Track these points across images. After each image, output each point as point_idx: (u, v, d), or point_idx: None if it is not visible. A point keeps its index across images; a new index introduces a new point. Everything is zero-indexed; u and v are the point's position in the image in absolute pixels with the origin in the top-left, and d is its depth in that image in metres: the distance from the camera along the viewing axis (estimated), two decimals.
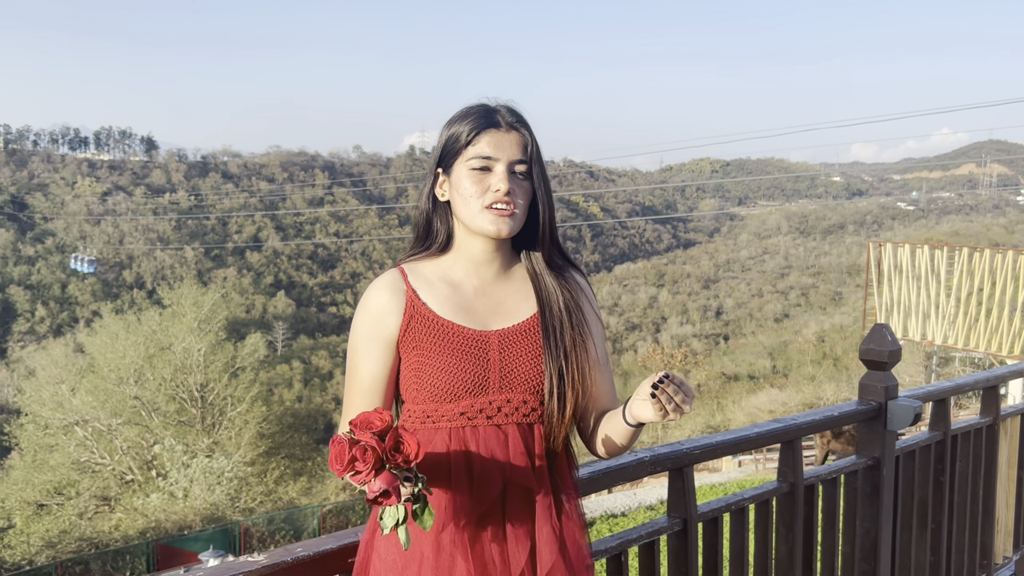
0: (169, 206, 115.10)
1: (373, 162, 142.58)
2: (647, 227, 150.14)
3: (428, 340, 1.66)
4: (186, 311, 34.20)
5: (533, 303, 1.75)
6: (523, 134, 1.71)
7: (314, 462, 34.19)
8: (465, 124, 1.69)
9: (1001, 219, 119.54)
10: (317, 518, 25.06)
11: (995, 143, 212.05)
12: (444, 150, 1.72)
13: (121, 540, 23.60)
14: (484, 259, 1.74)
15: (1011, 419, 4.11)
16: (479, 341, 1.68)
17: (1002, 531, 4.12)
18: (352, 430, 1.42)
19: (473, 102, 1.75)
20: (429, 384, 1.65)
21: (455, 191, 1.70)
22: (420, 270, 1.74)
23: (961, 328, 27.60)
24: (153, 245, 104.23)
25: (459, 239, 1.75)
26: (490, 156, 1.67)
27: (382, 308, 1.69)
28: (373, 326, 1.69)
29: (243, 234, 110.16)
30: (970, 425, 3.75)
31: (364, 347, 1.69)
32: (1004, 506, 4.13)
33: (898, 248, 29.94)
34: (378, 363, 1.69)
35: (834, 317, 76.87)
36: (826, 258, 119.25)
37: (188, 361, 32.27)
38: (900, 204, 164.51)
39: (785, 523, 2.85)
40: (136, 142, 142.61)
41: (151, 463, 29.73)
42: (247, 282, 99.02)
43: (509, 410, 1.67)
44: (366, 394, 1.70)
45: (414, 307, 1.68)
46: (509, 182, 1.66)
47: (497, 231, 1.66)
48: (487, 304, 1.73)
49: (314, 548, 1.74)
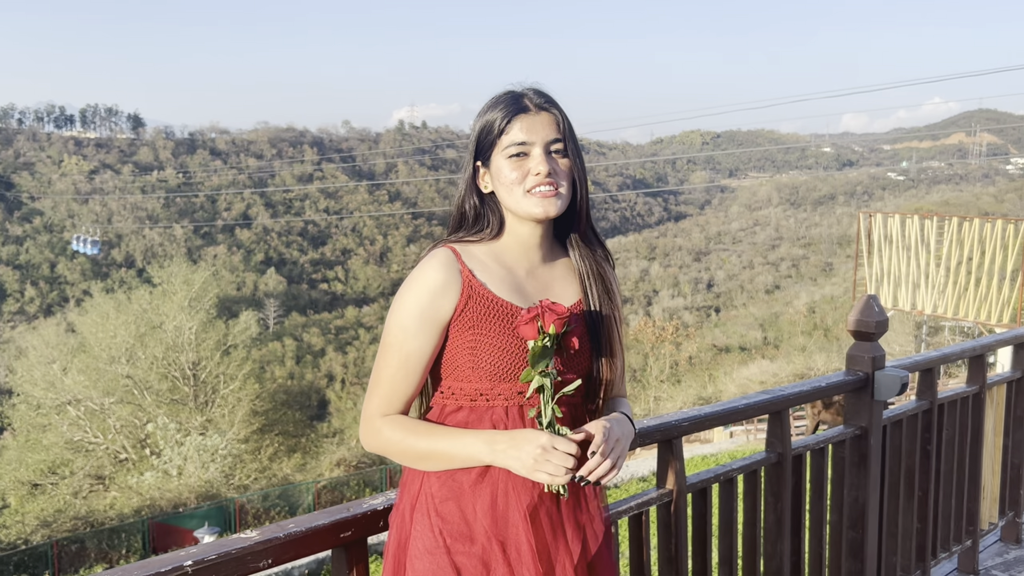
0: (157, 184, 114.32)
1: (362, 137, 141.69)
2: (638, 200, 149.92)
3: (486, 320, 1.68)
4: (177, 289, 34.13)
5: (576, 287, 1.80)
6: (553, 113, 1.73)
7: (308, 438, 34.32)
8: (495, 114, 1.71)
9: (991, 188, 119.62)
10: (312, 494, 25.17)
11: (985, 112, 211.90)
12: (479, 143, 1.74)
13: (116, 518, 23.65)
14: (533, 243, 1.77)
15: (997, 387, 4.15)
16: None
17: (988, 498, 4.17)
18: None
19: (499, 91, 1.76)
20: (488, 363, 1.67)
21: (497, 181, 1.73)
22: (472, 251, 1.75)
23: (951, 298, 27.67)
24: (142, 223, 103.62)
25: (509, 225, 1.77)
26: (524, 141, 1.69)
27: (439, 287, 1.68)
28: (429, 304, 1.67)
29: (232, 211, 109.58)
30: (957, 394, 3.78)
31: (415, 324, 1.68)
32: (990, 473, 4.18)
33: (888, 218, 29.93)
34: (427, 341, 1.69)
35: (824, 288, 77.07)
36: (816, 229, 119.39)
37: (180, 339, 32.25)
38: (890, 174, 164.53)
39: (773, 493, 2.88)
40: (123, 119, 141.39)
41: (145, 441, 29.76)
42: (237, 259, 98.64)
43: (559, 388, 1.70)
44: (409, 372, 1.70)
45: (471, 287, 1.69)
46: (548, 163, 1.69)
47: (545, 212, 1.69)
48: (537, 287, 1.77)
49: (306, 524, 1.75)
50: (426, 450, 1.66)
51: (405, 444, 1.68)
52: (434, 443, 1.66)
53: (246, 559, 1.65)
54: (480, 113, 1.75)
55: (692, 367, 46.59)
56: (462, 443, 1.64)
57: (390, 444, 1.70)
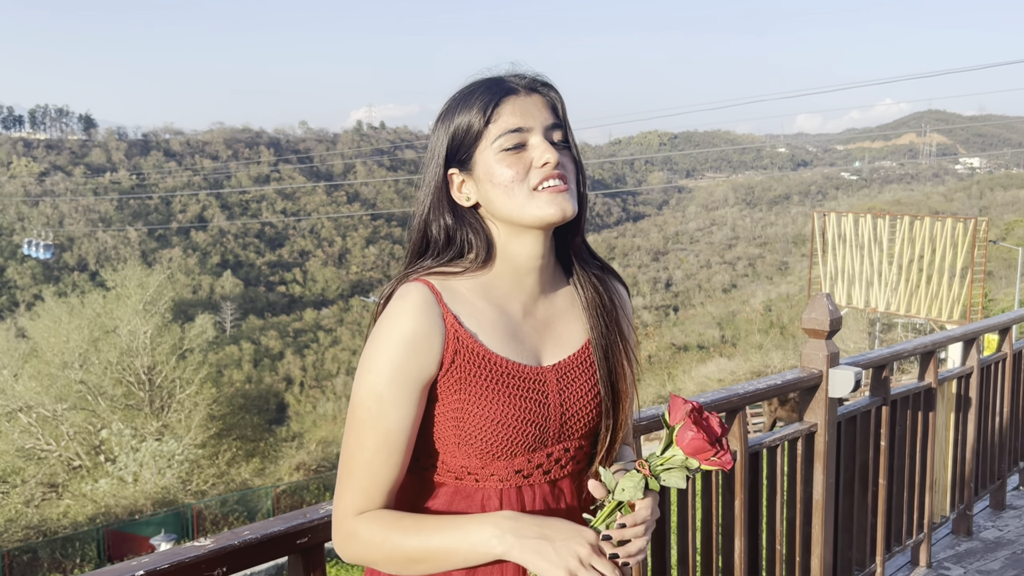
0: (110, 186, 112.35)
1: (320, 138, 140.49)
2: (597, 201, 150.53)
3: (476, 383, 1.31)
4: (131, 293, 33.72)
5: (581, 325, 1.44)
6: (546, 95, 1.37)
7: (266, 443, 34.01)
8: (474, 103, 1.33)
9: (940, 187, 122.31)
10: (271, 499, 24.95)
11: (934, 113, 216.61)
12: (453, 144, 1.35)
13: (70, 527, 23.28)
14: (532, 266, 1.38)
15: (948, 383, 4.23)
16: (536, 381, 1.36)
17: (940, 491, 4.25)
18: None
19: (465, 83, 1.38)
20: (477, 438, 1.32)
21: (487, 185, 1.34)
22: (454, 287, 1.35)
23: (903, 295, 28.29)
24: (95, 226, 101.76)
25: (501, 247, 1.37)
26: (521, 127, 1.32)
27: (419, 338, 1.29)
28: (405, 362, 1.29)
29: (188, 213, 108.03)
30: (908, 390, 3.85)
31: (392, 390, 1.29)
32: (942, 467, 4.26)
33: (842, 217, 30.52)
34: (409, 410, 1.31)
35: (780, 286, 78.09)
36: (772, 228, 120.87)
37: (134, 344, 31.81)
38: (844, 174, 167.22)
39: (730, 490, 2.90)
40: (74, 120, 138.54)
41: (99, 448, 29.29)
42: (193, 262, 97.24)
43: (566, 460, 1.39)
44: (391, 452, 1.31)
45: (458, 338, 1.31)
46: (554, 150, 1.32)
47: (561, 211, 1.31)
48: (535, 328, 1.40)
49: (262, 530, 1.72)
50: (417, 549, 1.28)
51: (389, 545, 1.29)
52: (427, 538, 1.28)
53: (200, 567, 1.62)
54: (447, 111, 1.37)
55: (651, 366, 46.93)
56: (464, 533, 1.26)
57: (370, 548, 1.31)
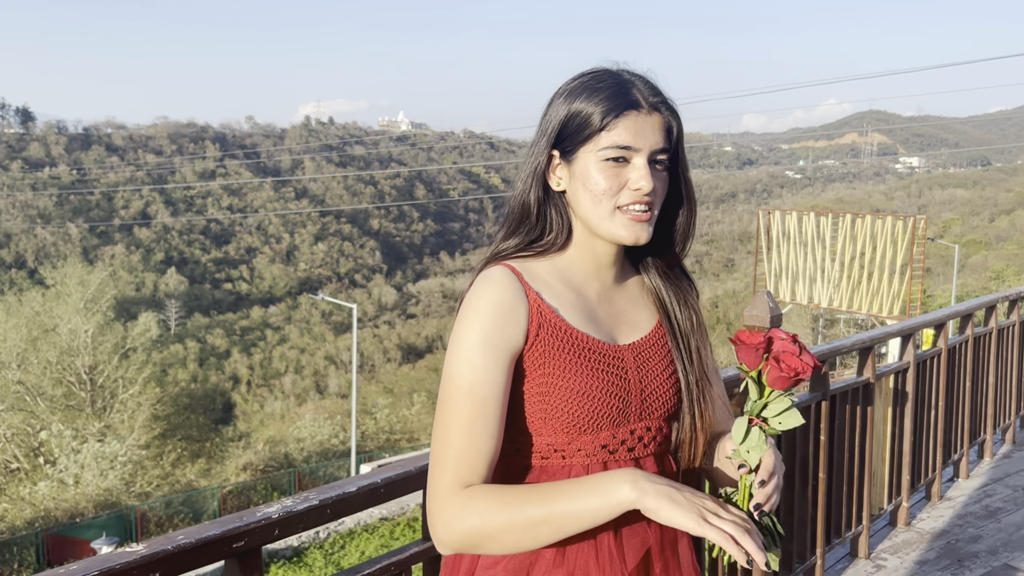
0: (49, 181, 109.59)
1: (267, 133, 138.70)
2: None
3: (560, 356, 1.33)
4: (71, 291, 33.05)
5: (652, 312, 1.48)
6: (666, 116, 1.38)
7: (212, 443, 33.57)
8: (597, 102, 1.34)
9: (881, 186, 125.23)
10: (217, 500, 24.66)
11: (875, 113, 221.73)
12: (565, 129, 1.37)
13: (7, 531, 22.75)
14: (607, 261, 1.43)
15: (886, 378, 4.32)
16: (616, 358, 1.39)
17: (878, 484, 4.35)
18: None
19: (597, 68, 1.40)
20: (564, 411, 1.32)
21: (579, 184, 1.37)
22: (534, 270, 1.39)
23: (845, 291, 28.91)
24: (33, 222, 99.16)
25: (579, 236, 1.42)
26: (630, 146, 1.33)
27: (506, 307, 1.31)
28: (496, 330, 1.30)
29: (130, 209, 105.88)
30: (847, 385, 3.92)
31: (485, 357, 1.29)
32: (880, 460, 4.35)
33: (786, 215, 31.08)
34: (502, 376, 1.30)
35: (727, 283, 79.15)
36: (719, 226, 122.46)
37: (75, 343, 31.18)
38: (788, 173, 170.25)
39: None
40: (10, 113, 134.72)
41: (38, 450, 28.64)
42: (136, 259, 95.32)
43: (648, 439, 1.40)
44: (488, 420, 1.29)
45: (541, 312, 1.34)
46: (652, 178, 1.34)
47: (635, 238, 1.35)
48: (610, 313, 1.44)
49: (196, 535, 1.68)
50: (540, 510, 1.23)
51: (509, 511, 1.23)
52: (551, 497, 1.24)
53: (132, 573, 1.58)
54: (571, 92, 1.38)
55: None
56: (590, 485, 1.23)
57: (485, 519, 1.24)
